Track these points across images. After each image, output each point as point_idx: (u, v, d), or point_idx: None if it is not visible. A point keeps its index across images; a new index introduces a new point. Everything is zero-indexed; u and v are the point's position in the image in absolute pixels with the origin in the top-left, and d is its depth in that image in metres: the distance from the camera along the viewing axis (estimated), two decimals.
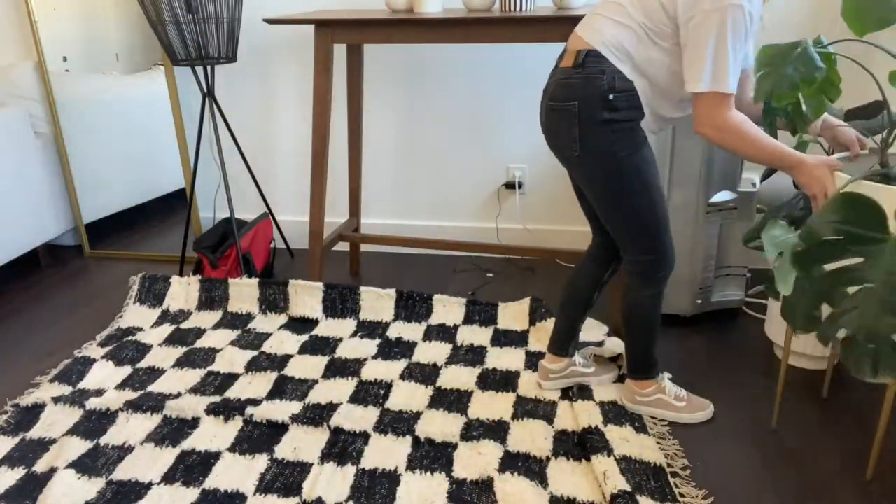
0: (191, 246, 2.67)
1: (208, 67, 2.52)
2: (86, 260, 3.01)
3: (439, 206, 2.90)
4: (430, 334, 2.24)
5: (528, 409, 1.83)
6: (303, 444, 1.72)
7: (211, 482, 1.61)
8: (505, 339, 2.19)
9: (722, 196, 2.13)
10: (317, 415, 1.81)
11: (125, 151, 2.96)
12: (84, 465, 1.67)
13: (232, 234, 2.62)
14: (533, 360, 2.07)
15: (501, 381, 1.96)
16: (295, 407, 1.86)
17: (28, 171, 2.78)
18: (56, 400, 1.91)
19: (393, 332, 2.25)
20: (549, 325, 2.18)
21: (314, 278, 2.47)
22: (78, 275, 2.86)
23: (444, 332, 2.24)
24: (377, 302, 2.35)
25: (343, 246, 2.94)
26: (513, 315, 2.28)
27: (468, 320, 2.29)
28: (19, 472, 1.66)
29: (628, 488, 1.49)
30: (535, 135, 2.71)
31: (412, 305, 2.33)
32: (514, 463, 1.63)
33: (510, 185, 2.79)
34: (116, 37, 2.84)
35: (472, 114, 2.73)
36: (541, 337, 2.18)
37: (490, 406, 1.85)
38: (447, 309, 2.32)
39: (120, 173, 2.99)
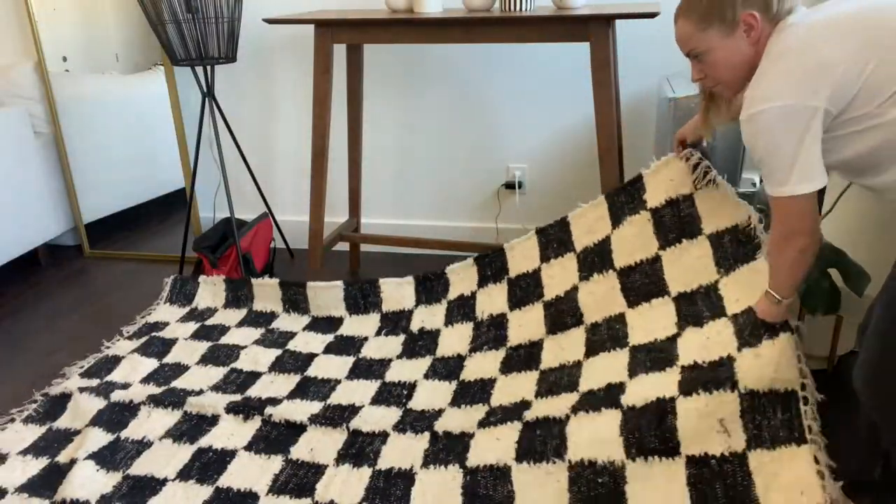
0: (191, 246, 2.67)
1: (208, 67, 2.52)
2: (86, 260, 3.01)
3: (439, 206, 2.90)
4: (451, 315, 2.19)
5: (553, 380, 1.77)
6: (320, 444, 1.72)
7: (225, 480, 1.62)
8: (521, 292, 2.10)
9: None
10: (336, 416, 1.80)
11: (125, 151, 2.96)
12: (103, 458, 1.68)
13: (232, 234, 2.62)
14: (552, 313, 1.97)
15: (525, 357, 1.92)
16: (315, 407, 1.85)
17: (28, 171, 2.78)
18: (82, 390, 1.93)
19: (416, 323, 2.22)
20: (565, 260, 2.04)
21: (314, 278, 2.47)
22: (78, 275, 2.86)
23: (464, 307, 2.18)
24: (397, 291, 2.33)
25: (343, 246, 2.94)
26: (522, 255, 2.17)
27: (483, 281, 2.20)
28: (43, 462, 1.69)
29: (739, 449, 1.39)
30: (535, 135, 2.71)
31: (430, 287, 2.30)
32: (532, 434, 1.58)
33: (510, 185, 2.79)
34: (116, 37, 2.84)
35: (472, 114, 2.73)
36: (555, 274, 2.04)
37: (513, 389, 1.82)
38: (461, 277, 2.26)
39: (120, 173, 2.99)
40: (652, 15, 1.93)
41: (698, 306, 1.67)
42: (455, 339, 2.11)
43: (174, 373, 2.05)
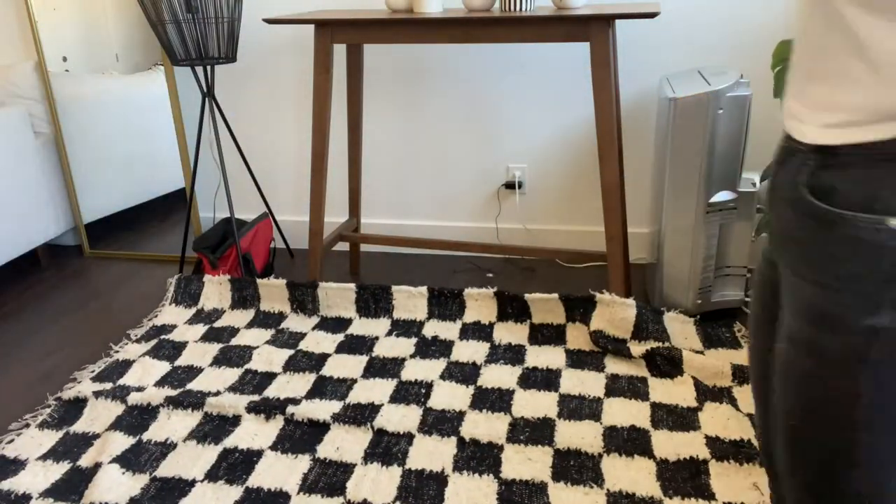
0: (191, 246, 2.67)
1: (208, 67, 2.52)
2: (86, 260, 3.01)
3: (439, 206, 2.90)
4: (466, 333, 2.23)
5: (573, 406, 1.84)
6: (345, 443, 1.73)
7: (254, 480, 1.62)
8: (542, 336, 2.18)
9: (722, 196, 2.13)
10: (358, 414, 1.82)
11: (125, 151, 2.96)
12: (128, 461, 1.69)
13: (232, 234, 2.62)
14: (573, 358, 2.06)
15: (543, 380, 1.96)
16: (335, 406, 1.86)
17: (28, 171, 2.78)
18: (97, 394, 1.93)
19: (428, 331, 2.24)
20: (589, 329, 2.16)
21: (314, 278, 2.47)
22: (78, 275, 2.86)
23: (480, 331, 2.23)
24: (409, 300, 2.35)
25: (343, 246, 2.94)
26: (546, 309, 2.26)
27: (502, 317, 2.27)
28: (65, 466, 1.69)
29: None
30: (535, 135, 2.71)
31: (445, 302, 2.32)
32: (566, 463, 1.63)
33: (510, 185, 2.79)
34: (116, 37, 2.84)
35: (472, 114, 2.73)
36: (578, 336, 2.16)
37: (534, 404, 1.85)
38: (480, 303, 2.30)
39: (120, 173, 2.99)
40: (652, 15, 1.93)
41: (715, 392, 1.85)
42: (470, 351, 2.13)
43: (188, 375, 2.06)
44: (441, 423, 1.79)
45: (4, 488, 1.62)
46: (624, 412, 1.80)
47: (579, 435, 1.72)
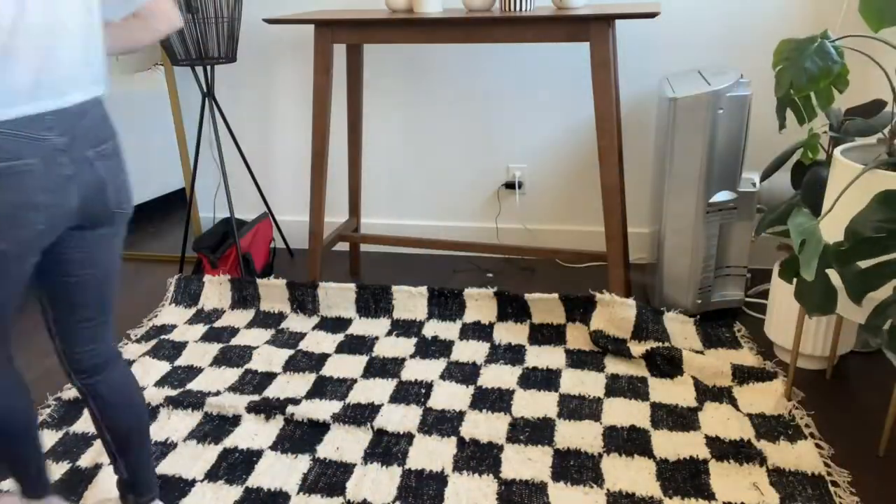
0: (191, 246, 2.67)
1: (208, 67, 2.52)
2: None
3: (439, 206, 2.90)
4: (466, 333, 2.23)
5: (573, 406, 1.84)
6: (345, 443, 1.73)
7: (254, 480, 1.62)
8: (542, 336, 2.18)
9: (722, 196, 2.13)
10: (358, 414, 1.82)
11: (125, 151, 2.95)
12: None
13: (232, 234, 2.62)
14: (573, 358, 2.06)
15: (543, 380, 1.96)
16: (335, 406, 1.86)
17: None
18: None
19: (428, 331, 2.24)
20: (589, 329, 2.16)
21: (314, 278, 2.47)
22: None
23: (480, 331, 2.23)
24: (409, 300, 2.35)
25: (343, 246, 2.94)
26: (546, 309, 2.26)
27: (502, 317, 2.27)
28: (64, 467, 1.69)
29: (775, 503, 1.50)
30: (535, 135, 2.71)
31: (444, 302, 2.33)
32: (566, 463, 1.63)
33: (510, 185, 2.79)
34: None
35: (472, 114, 2.73)
36: (578, 336, 2.17)
37: (534, 405, 1.85)
38: (479, 304, 2.30)
39: None
40: (652, 15, 1.93)
41: (714, 391, 1.86)
42: (470, 351, 2.13)
43: (188, 375, 2.06)
44: (441, 423, 1.79)
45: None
46: (624, 412, 1.80)
47: (579, 435, 1.72)
